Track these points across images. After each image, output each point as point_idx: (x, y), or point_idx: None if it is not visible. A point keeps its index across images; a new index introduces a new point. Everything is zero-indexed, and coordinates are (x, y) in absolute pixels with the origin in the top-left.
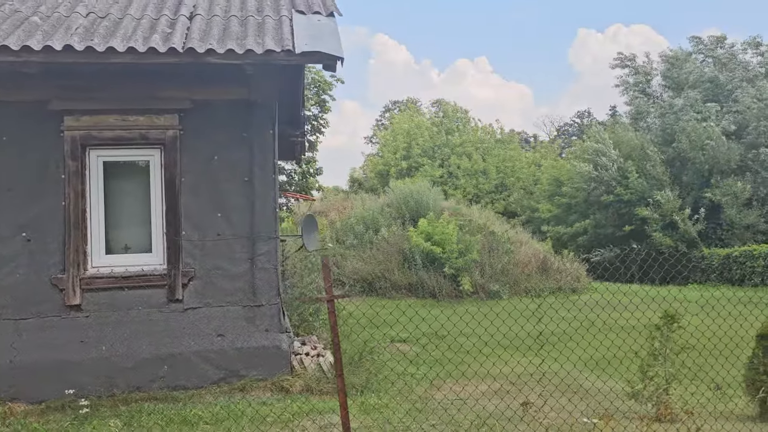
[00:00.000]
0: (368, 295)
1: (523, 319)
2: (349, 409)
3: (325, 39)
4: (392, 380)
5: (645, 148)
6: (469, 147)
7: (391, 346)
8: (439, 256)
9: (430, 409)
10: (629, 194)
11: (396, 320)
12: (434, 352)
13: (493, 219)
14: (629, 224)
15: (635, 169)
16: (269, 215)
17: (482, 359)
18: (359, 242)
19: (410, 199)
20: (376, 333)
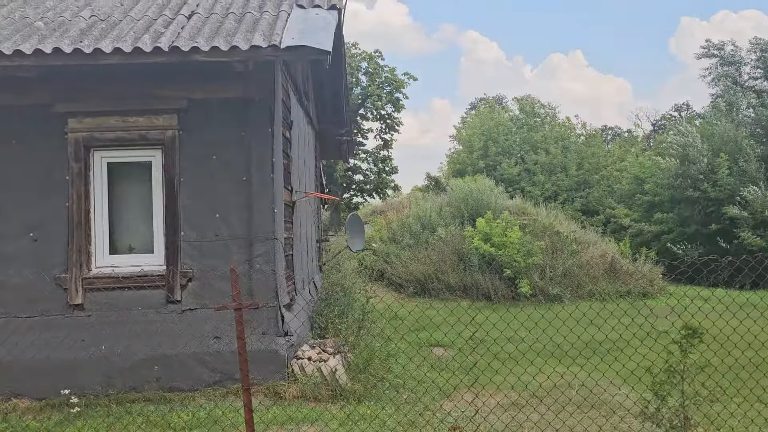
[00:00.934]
0: (421, 296)
1: (577, 326)
2: (328, 422)
3: (315, 33)
4: (409, 387)
5: (738, 141)
6: (549, 142)
7: (427, 350)
8: (498, 257)
9: (424, 421)
10: (717, 191)
11: (443, 321)
12: (470, 357)
13: (562, 218)
14: (716, 223)
15: (726, 165)
16: (266, 215)
17: (517, 367)
18: (415, 242)
19: (469, 198)
20: (416, 336)
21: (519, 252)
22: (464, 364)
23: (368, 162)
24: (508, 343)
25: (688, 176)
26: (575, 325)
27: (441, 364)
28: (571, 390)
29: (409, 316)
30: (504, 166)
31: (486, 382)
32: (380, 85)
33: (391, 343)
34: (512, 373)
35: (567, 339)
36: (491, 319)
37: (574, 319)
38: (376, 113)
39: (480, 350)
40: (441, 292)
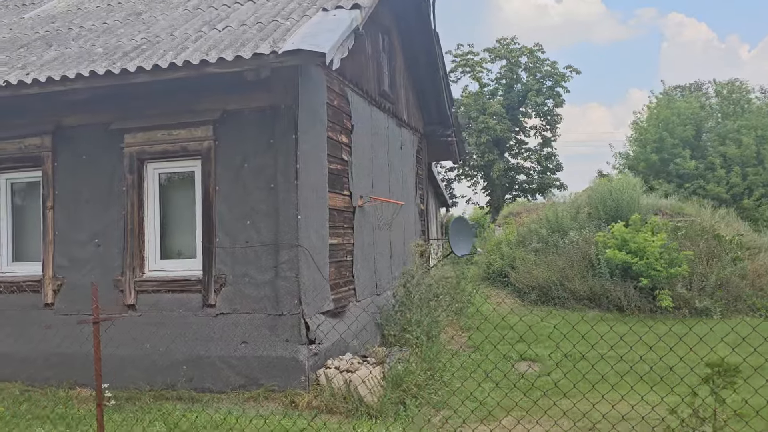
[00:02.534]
0: (544, 304)
1: (713, 346)
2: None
3: (317, 35)
4: (453, 406)
5: None
6: (743, 132)
7: (510, 364)
8: (636, 266)
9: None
10: None
11: (554, 331)
12: (556, 375)
13: (732, 220)
14: None
15: None
16: (291, 222)
17: (592, 393)
18: (543, 246)
19: (608, 198)
20: (512, 347)
21: (659, 260)
22: (543, 383)
23: (531, 161)
24: (611, 359)
25: None
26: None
27: (511, 382)
28: (630, 425)
29: (518, 324)
30: (679, 160)
31: (548, 406)
32: (540, 79)
33: (465, 356)
34: (585, 398)
35: (684, 361)
36: (614, 332)
37: (718, 335)
38: (537, 109)
39: (573, 369)
40: (566, 300)
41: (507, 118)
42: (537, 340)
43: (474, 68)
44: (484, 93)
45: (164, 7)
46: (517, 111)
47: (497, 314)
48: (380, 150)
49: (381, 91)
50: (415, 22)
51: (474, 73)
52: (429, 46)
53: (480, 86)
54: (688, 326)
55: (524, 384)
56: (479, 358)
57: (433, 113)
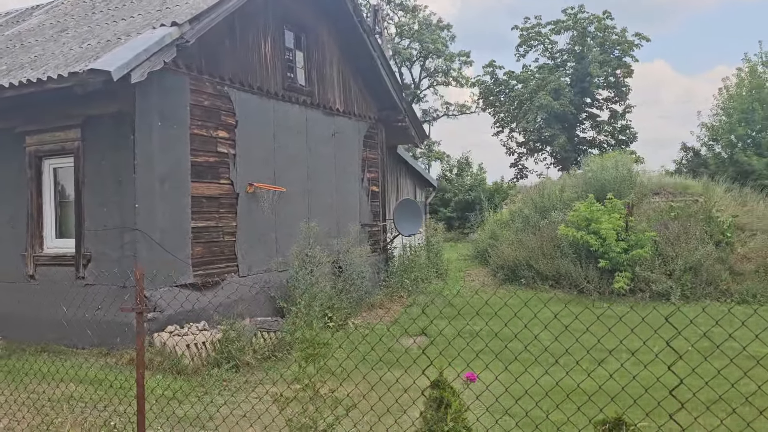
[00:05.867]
0: (512, 283)
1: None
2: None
3: (119, 54)
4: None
5: None
6: None
7: (404, 339)
8: (595, 247)
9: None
10: None
11: (499, 310)
12: (431, 350)
13: (754, 199)
14: None
15: None
16: (130, 210)
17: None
18: (524, 226)
19: (593, 178)
20: (446, 323)
21: (619, 242)
22: (403, 357)
23: (604, 134)
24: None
25: None
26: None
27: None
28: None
29: (463, 301)
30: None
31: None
32: (606, 49)
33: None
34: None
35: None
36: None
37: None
38: (606, 81)
39: (460, 345)
40: (532, 280)
41: (574, 91)
42: (474, 316)
43: (543, 41)
44: (548, 66)
45: (78, 24)
46: (586, 83)
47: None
48: (292, 140)
49: (289, 86)
50: (342, 18)
51: (544, 46)
52: (359, 38)
53: (550, 59)
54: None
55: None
56: (369, 332)
57: (384, 100)
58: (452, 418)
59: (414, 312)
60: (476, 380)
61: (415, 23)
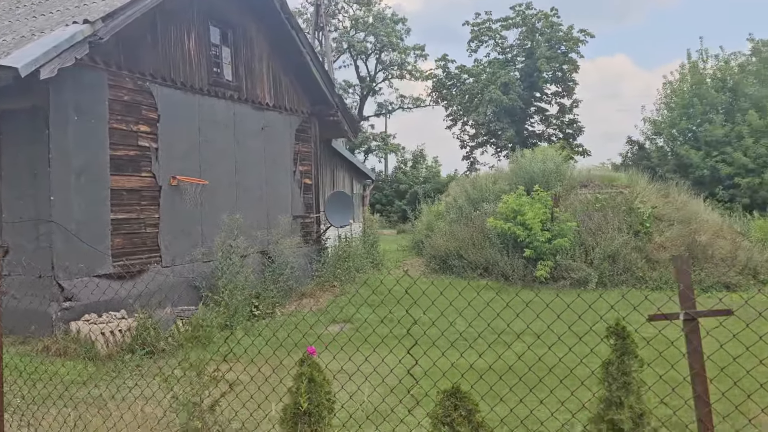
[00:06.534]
0: (444, 272)
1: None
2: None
3: (25, 50)
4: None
5: None
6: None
7: (327, 326)
8: (521, 237)
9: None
10: None
11: (421, 299)
12: (356, 335)
13: (675, 192)
14: None
15: None
16: (45, 203)
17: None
18: (457, 217)
19: (520, 170)
20: (369, 311)
21: (543, 231)
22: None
23: (553, 128)
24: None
25: None
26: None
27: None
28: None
29: (396, 289)
30: (708, 126)
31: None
32: (552, 46)
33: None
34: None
35: (491, 326)
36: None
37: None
38: (553, 75)
39: (383, 331)
40: (462, 270)
41: (523, 86)
42: (398, 304)
43: (494, 37)
44: (499, 61)
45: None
46: (535, 78)
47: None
48: (219, 134)
49: (215, 81)
50: (269, 15)
51: (496, 41)
52: (288, 35)
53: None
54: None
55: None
56: (296, 320)
57: (316, 95)
58: (315, 390)
59: (343, 301)
60: (315, 354)
61: (369, 17)
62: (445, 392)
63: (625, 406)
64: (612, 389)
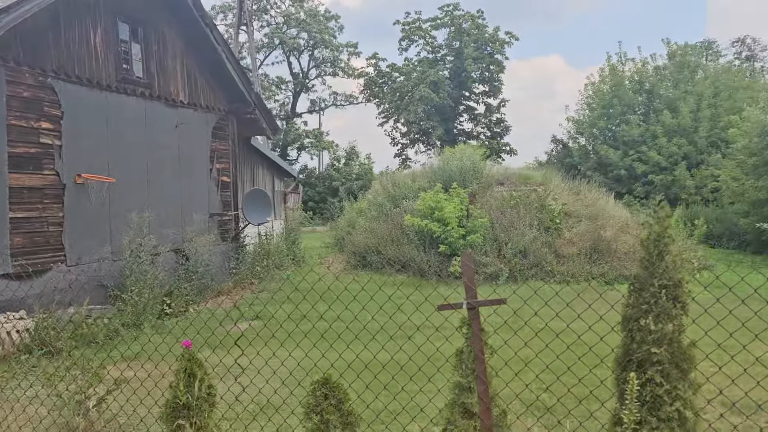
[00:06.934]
0: (364, 269)
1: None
2: None
3: None
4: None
5: None
6: (687, 97)
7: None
8: (437, 233)
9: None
10: None
11: (341, 294)
12: (264, 332)
13: (586, 189)
14: None
15: None
16: None
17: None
18: (378, 214)
19: (440, 169)
20: (262, 307)
21: (458, 228)
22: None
23: (481, 126)
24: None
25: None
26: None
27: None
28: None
29: (319, 285)
30: (625, 126)
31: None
32: (479, 47)
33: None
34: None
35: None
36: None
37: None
38: (481, 75)
39: (290, 327)
40: (381, 266)
41: (452, 85)
42: (317, 300)
43: (424, 36)
44: (428, 60)
45: None
46: (463, 78)
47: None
48: (129, 131)
49: (124, 78)
50: (182, 12)
51: (426, 40)
52: (202, 32)
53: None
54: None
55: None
56: (209, 317)
57: (233, 93)
58: (195, 385)
59: (263, 297)
60: (191, 346)
61: (300, 12)
62: (316, 383)
63: (475, 390)
64: (464, 375)
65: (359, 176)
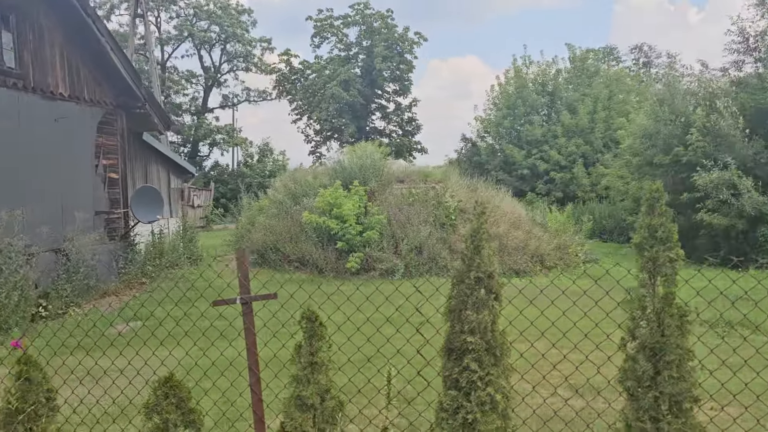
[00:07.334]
0: (262, 266)
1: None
2: None
3: None
4: None
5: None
6: (585, 99)
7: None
8: (334, 230)
9: None
10: (689, 155)
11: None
12: (142, 332)
13: (483, 187)
14: (689, 191)
15: (703, 123)
16: None
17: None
18: (278, 212)
19: (341, 166)
20: (142, 310)
21: (355, 225)
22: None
23: (393, 124)
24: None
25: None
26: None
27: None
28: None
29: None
30: (528, 126)
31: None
32: (389, 46)
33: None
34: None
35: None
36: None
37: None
38: (392, 74)
39: (174, 326)
40: (279, 263)
41: (364, 83)
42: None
43: (337, 34)
44: (340, 58)
45: None
46: (374, 76)
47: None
48: (3, 123)
49: None
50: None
51: (338, 38)
52: (84, 23)
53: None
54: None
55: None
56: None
57: (121, 87)
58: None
59: (158, 296)
60: (20, 346)
61: (210, 4)
62: (158, 382)
63: (312, 383)
64: (302, 369)
65: (273, 173)
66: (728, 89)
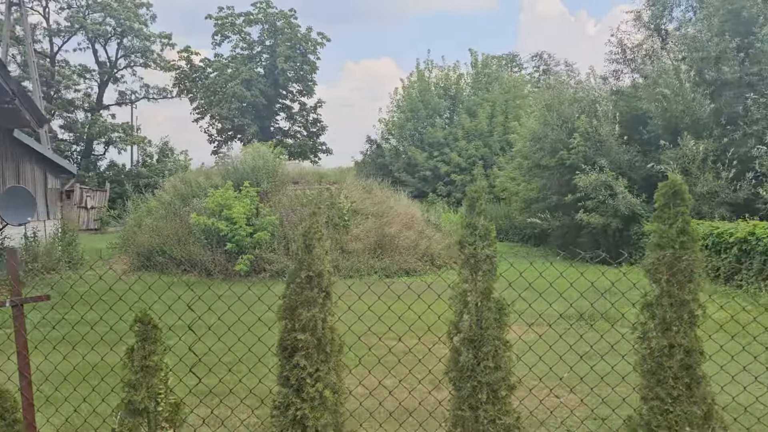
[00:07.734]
0: (148, 269)
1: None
2: None
3: None
4: None
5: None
6: (485, 103)
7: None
8: (224, 231)
9: None
10: (572, 158)
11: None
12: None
13: (378, 188)
14: (572, 192)
15: (585, 128)
16: None
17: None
18: (166, 213)
19: (233, 167)
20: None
21: (245, 226)
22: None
23: (298, 125)
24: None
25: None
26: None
27: None
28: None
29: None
30: (430, 129)
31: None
32: (293, 46)
33: None
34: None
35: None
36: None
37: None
38: (295, 75)
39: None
40: (166, 266)
41: (267, 83)
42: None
43: (239, 32)
44: (241, 57)
45: None
46: (278, 76)
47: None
48: None
49: None
50: None
51: (240, 36)
52: None
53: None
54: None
55: None
56: None
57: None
58: None
59: None
60: None
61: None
62: None
63: (143, 387)
64: (134, 372)
65: (173, 173)
66: (608, 97)
